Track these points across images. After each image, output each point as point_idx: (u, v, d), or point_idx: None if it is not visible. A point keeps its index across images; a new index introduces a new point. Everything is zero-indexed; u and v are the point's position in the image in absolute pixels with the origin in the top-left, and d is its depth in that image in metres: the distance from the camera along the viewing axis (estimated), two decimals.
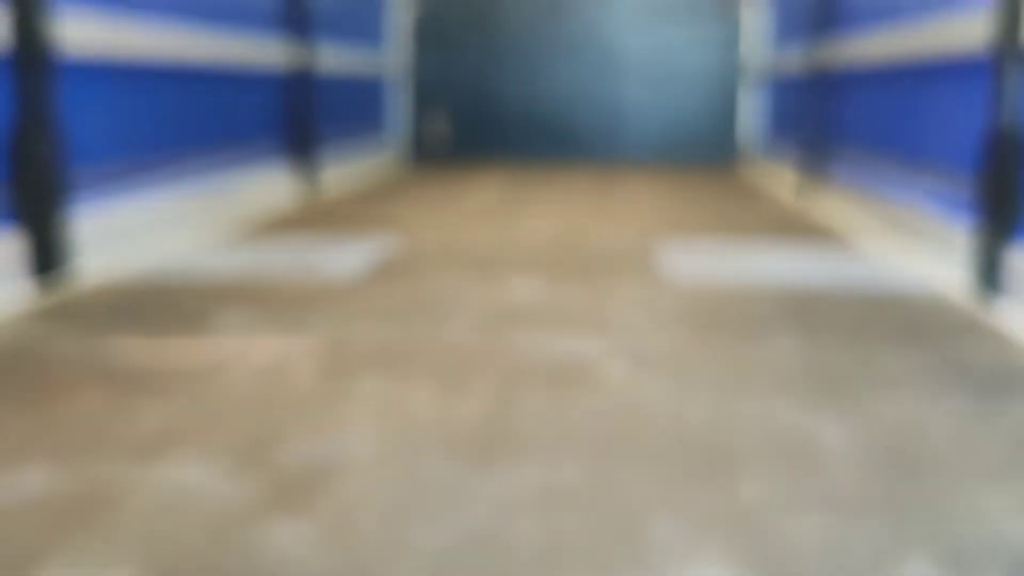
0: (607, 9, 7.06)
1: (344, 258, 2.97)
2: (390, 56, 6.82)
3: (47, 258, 2.55)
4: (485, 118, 7.28)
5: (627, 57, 7.11)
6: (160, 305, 2.35)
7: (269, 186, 4.28)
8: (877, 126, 3.58)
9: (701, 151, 7.14)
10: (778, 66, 5.64)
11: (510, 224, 3.81)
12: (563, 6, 7.08)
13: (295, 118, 4.77)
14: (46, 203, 2.55)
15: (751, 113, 6.97)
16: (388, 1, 6.61)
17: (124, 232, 2.99)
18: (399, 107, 7.22)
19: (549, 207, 4.40)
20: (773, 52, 6.06)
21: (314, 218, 3.98)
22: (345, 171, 5.55)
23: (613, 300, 2.39)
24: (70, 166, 2.68)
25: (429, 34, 7.19)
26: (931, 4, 3.01)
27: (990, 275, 2.34)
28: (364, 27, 6.04)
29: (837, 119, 4.22)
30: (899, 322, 2.19)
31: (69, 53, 2.67)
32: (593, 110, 7.21)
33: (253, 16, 4.18)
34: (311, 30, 4.80)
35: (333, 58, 5.29)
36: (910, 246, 3.01)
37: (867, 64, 3.68)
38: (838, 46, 4.09)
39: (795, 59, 5.13)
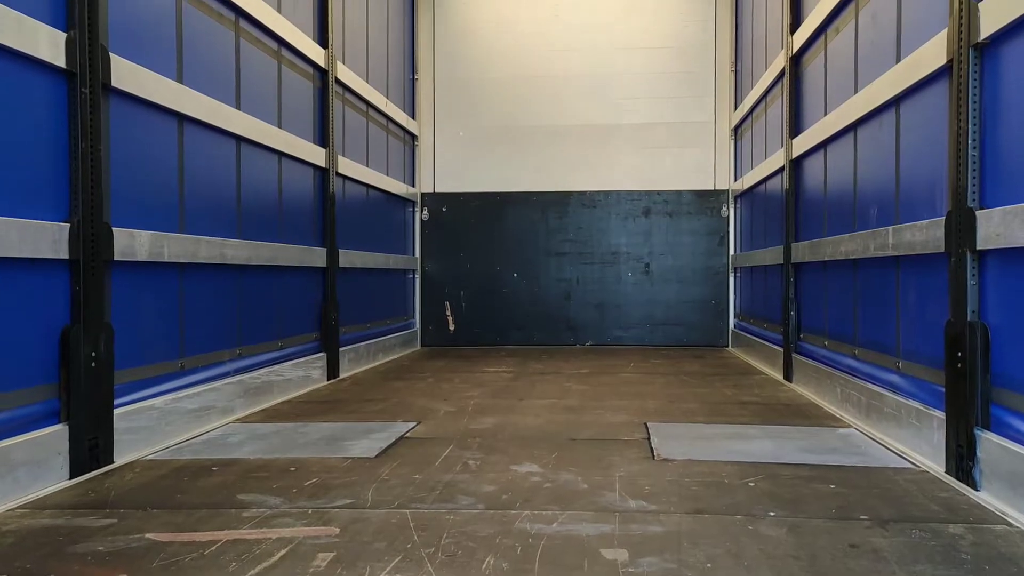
0: (602, 208, 7.59)
1: (362, 443, 3.16)
2: (405, 252, 7.28)
3: (92, 451, 2.75)
4: (491, 307, 7.66)
5: (620, 250, 7.58)
6: (192, 490, 2.53)
7: (299, 370, 4.53)
8: (851, 312, 3.87)
9: (689, 334, 7.49)
10: (755, 259, 6.04)
11: (513, 406, 4.02)
12: (562, 206, 7.62)
13: (323, 309, 5.11)
14: (94, 403, 2.78)
15: (735, 299, 7.35)
16: (404, 205, 7.13)
17: (166, 417, 3.21)
18: (414, 297, 7.64)
19: (549, 388, 4.63)
20: (749, 246, 6.49)
21: (340, 400, 4.20)
22: (368, 354, 5.84)
23: (609, 482, 2.56)
24: (119, 362, 2.94)
25: (438, 232, 7.69)
26: (888, 215, 3.37)
27: (962, 459, 2.53)
28: (381, 227, 6.50)
29: (813, 305, 4.53)
30: (879, 503, 2.35)
31: (124, 258, 2.98)
32: (590, 299, 7.60)
33: (294, 227, 4.58)
34: (335, 237, 5.21)
35: (356, 257, 5.70)
36: (887, 428, 3.20)
37: (838, 258, 4.01)
38: (813, 244, 4.46)
39: (771, 253, 5.52)
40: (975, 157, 2.54)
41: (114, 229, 2.89)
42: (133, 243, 3.04)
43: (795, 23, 4.96)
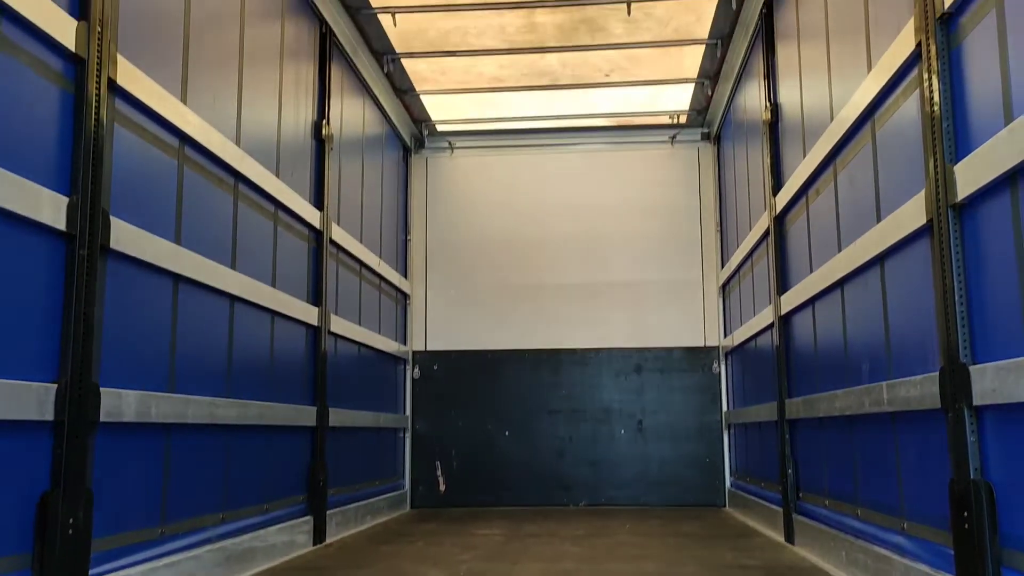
0: (594, 365, 7.59)
1: None
2: (396, 410, 7.20)
3: None
4: (482, 466, 7.51)
5: (613, 407, 7.53)
6: None
7: (284, 535, 4.37)
8: (851, 470, 3.80)
9: (685, 494, 7.32)
10: (749, 416, 5.99)
11: (507, 572, 3.87)
12: (553, 363, 7.62)
13: (311, 469, 4.99)
14: (69, 574, 2.66)
15: (730, 457, 7.23)
16: (395, 363, 7.12)
17: None
18: (404, 457, 7.50)
19: (544, 550, 4.46)
20: (743, 402, 6.45)
21: (325, 567, 4.02)
22: (356, 516, 5.65)
23: None
24: (97, 529, 2.83)
25: (430, 391, 7.65)
26: (881, 370, 3.38)
27: None
28: (373, 385, 6.46)
29: (812, 463, 4.45)
30: None
31: (110, 419, 2.93)
32: (583, 457, 7.48)
33: (285, 385, 4.55)
34: (326, 395, 5.17)
35: (347, 416, 5.63)
36: None
37: (833, 414, 3.98)
38: (807, 401, 4.43)
39: (765, 410, 5.48)
40: (963, 313, 2.57)
41: (102, 389, 2.86)
42: (120, 404, 3.00)
43: (777, 185, 5.13)
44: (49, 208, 2.64)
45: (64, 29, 2.70)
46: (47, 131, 2.69)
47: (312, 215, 5.14)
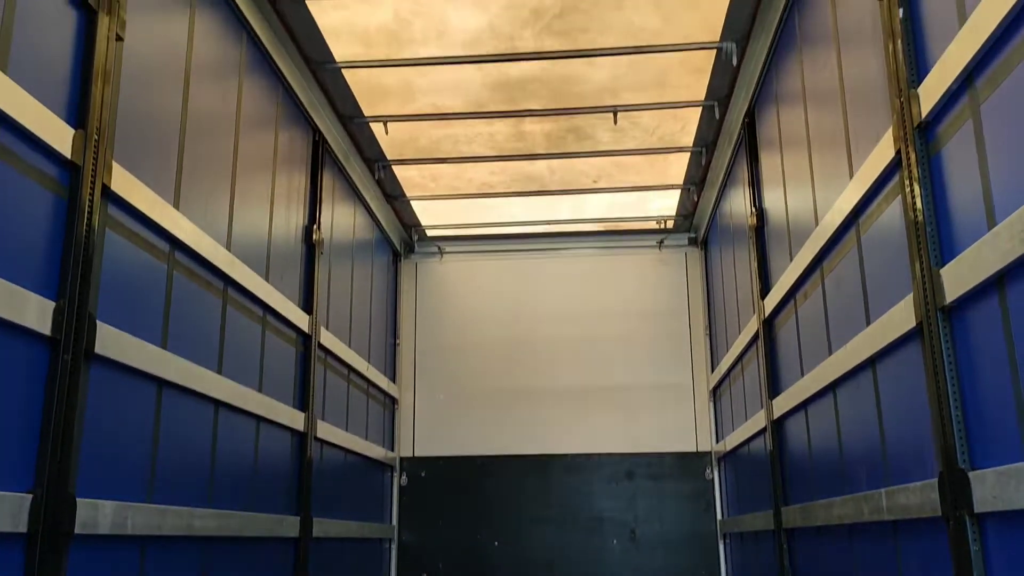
0: (585, 472, 7.46)
1: None
2: (383, 520, 7.02)
3: None
4: None
5: (605, 515, 7.36)
6: None
7: None
8: None
9: None
10: (745, 524, 5.86)
11: None
12: (544, 470, 7.48)
13: None
14: None
15: (726, 569, 7.03)
16: (382, 470, 6.98)
17: None
18: (390, 570, 7.27)
19: None
20: (737, 510, 6.33)
21: None
22: None
23: None
24: None
25: (417, 499, 7.48)
26: (878, 476, 3.32)
27: None
28: (359, 493, 6.31)
29: (812, 575, 4.34)
30: None
31: (84, 531, 2.83)
32: (575, 569, 7.26)
33: (269, 493, 4.44)
34: (310, 505, 5.04)
35: (331, 526, 5.48)
36: None
37: (832, 523, 3.89)
38: (804, 509, 4.34)
39: (761, 519, 5.37)
40: (959, 417, 2.55)
41: (78, 500, 2.77)
42: (96, 515, 2.90)
43: (764, 289, 5.17)
44: (34, 313, 2.61)
45: (61, 137, 2.74)
46: (38, 236, 2.69)
47: (301, 319, 5.13)
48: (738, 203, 6.01)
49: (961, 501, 2.47)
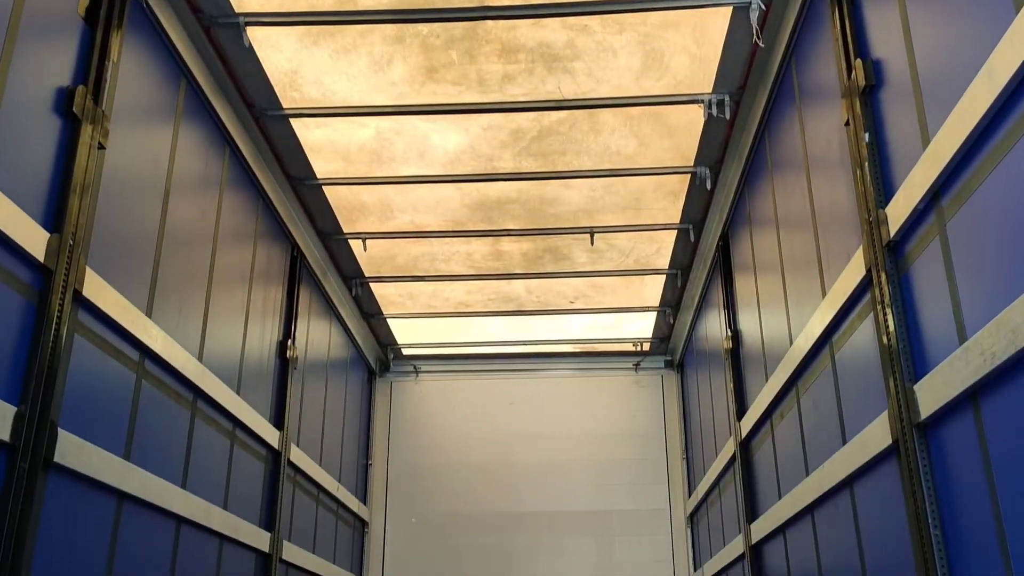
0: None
1: None
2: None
3: None
4: None
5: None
6: None
7: None
8: None
9: None
10: None
11: None
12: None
13: None
14: None
15: None
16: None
17: None
18: None
19: None
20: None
21: None
22: None
23: None
24: None
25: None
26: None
27: None
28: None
29: None
30: None
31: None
32: None
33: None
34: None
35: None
36: None
37: None
38: None
39: None
40: (938, 536, 2.50)
41: None
42: None
43: (741, 410, 5.14)
44: None
45: (35, 241, 2.73)
46: (3, 341, 2.64)
47: (271, 435, 5.02)
48: (713, 325, 6.06)
49: None
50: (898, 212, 2.72)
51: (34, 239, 2.73)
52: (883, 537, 3.00)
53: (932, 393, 2.50)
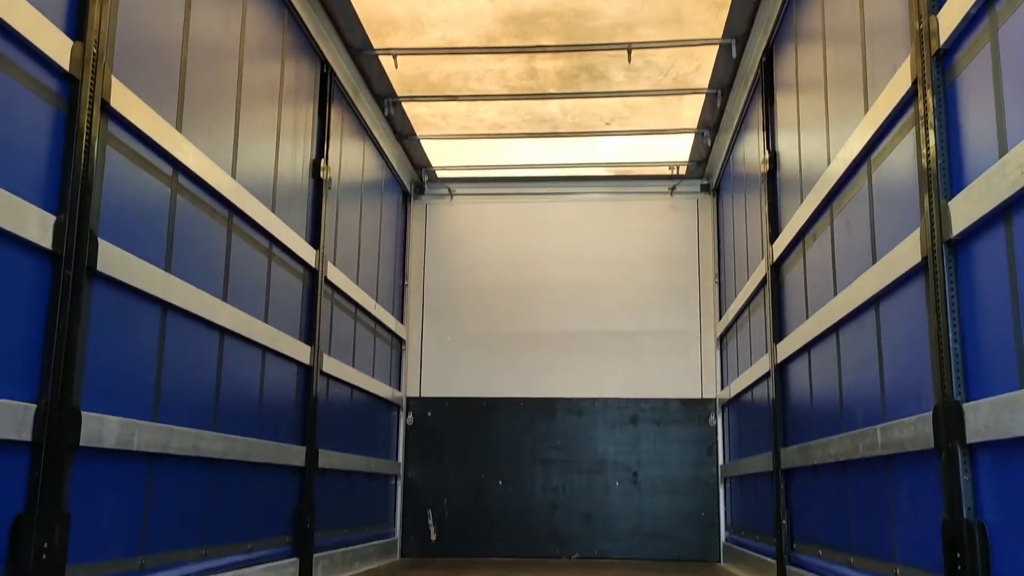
0: (589, 416, 7.50)
1: None
2: (389, 456, 7.10)
3: None
4: (474, 516, 7.37)
5: (608, 459, 7.41)
6: None
7: (270, 574, 4.26)
8: (844, 517, 3.71)
9: (681, 548, 7.17)
10: (745, 468, 5.89)
11: None
12: (548, 413, 7.53)
13: (298, 510, 4.89)
14: None
15: (725, 512, 7.10)
16: (388, 408, 7.04)
17: None
18: (396, 504, 7.37)
19: None
20: (738, 454, 6.35)
21: None
22: (344, 561, 5.53)
23: None
24: (72, 556, 2.75)
25: (423, 438, 7.55)
26: (875, 414, 3.32)
27: None
28: (365, 429, 6.37)
29: (806, 512, 4.35)
30: None
31: (90, 444, 2.86)
32: (577, 509, 7.34)
33: (274, 423, 4.48)
34: (316, 436, 5.09)
35: (337, 458, 5.54)
36: None
37: (828, 461, 3.90)
38: (802, 449, 4.35)
39: (760, 461, 5.39)
40: (957, 350, 2.53)
41: (83, 413, 2.80)
42: (101, 429, 2.94)
43: (774, 232, 5.12)
44: (36, 226, 2.62)
45: (59, 48, 2.71)
46: (37, 149, 2.68)
47: (308, 253, 5.13)
48: (751, 148, 5.94)
49: (954, 432, 2.46)
50: (951, 17, 2.58)
51: (58, 46, 2.71)
52: (903, 354, 3.05)
53: (965, 208, 2.46)
